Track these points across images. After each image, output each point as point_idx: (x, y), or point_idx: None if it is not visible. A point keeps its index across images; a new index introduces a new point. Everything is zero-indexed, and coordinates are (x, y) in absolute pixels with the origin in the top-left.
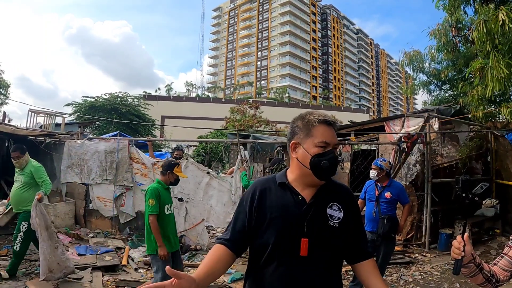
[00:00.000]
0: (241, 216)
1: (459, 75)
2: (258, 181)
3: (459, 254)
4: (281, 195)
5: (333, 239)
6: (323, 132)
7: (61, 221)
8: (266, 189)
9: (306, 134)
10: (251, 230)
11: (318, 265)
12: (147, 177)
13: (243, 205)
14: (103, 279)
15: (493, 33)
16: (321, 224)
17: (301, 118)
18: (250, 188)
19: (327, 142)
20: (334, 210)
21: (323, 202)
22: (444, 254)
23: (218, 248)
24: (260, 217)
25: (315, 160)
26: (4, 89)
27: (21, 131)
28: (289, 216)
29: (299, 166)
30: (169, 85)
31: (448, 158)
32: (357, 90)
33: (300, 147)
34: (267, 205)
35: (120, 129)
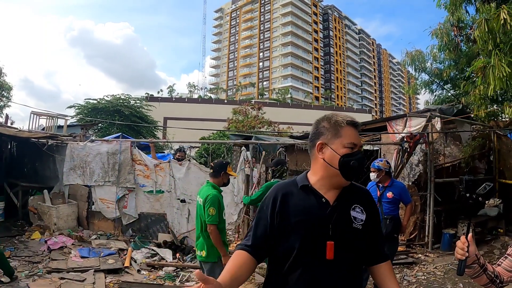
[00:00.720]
0: (262, 222)
1: (461, 74)
2: (279, 186)
3: (463, 254)
4: (304, 198)
5: (357, 241)
6: (351, 133)
7: (64, 223)
8: (288, 193)
9: (334, 134)
10: (274, 236)
11: (342, 268)
12: (150, 179)
13: (263, 211)
14: (105, 280)
15: (495, 32)
16: (345, 227)
17: (328, 119)
18: (271, 193)
19: (355, 143)
20: (357, 212)
21: (347, 204)
22: (447, 254)
23: (240, 254)
24: (283, 222)
25: (344, 160)
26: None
27: (24, 133)
28: (313, 220)
29: (326, 167)
30: (171, 86)
31: (451, 158)
32: (359, 90)
33: (327, 147)
34: (290, 210)
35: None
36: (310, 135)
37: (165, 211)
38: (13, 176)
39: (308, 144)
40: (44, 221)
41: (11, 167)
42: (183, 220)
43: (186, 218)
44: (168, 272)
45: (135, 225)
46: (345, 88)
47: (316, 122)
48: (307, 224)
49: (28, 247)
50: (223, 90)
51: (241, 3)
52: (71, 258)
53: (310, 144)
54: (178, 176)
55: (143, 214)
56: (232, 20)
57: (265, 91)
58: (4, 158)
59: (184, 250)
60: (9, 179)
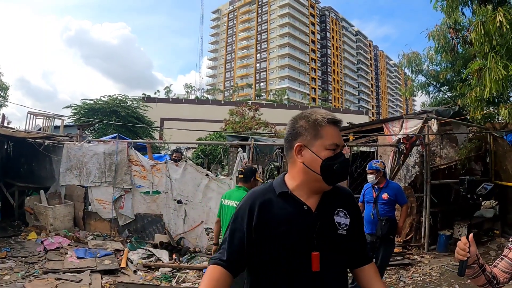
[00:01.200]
0: (238, 234)
1: (457, 76)
2: (254, 193)
3: (464, 255)
4: (284, 207)
5: (343, 248)
6: (333, 133)
7: (60, 224)
8: (265, 202)
9: (314, 135)
10: (252, 250)
11: (329, 280)
12: (146, 179)
13: (238, 222)
14: (102, 281)
15: (491, 34)
16: (330, 235)
17: (306, 117)
18: (246, 202)
19: (337, 144)
20: (341, 217)
21: (330, 209)
22: (444, 255)
23: (214, 270)
24: (262, 235)
25: (327, 164)
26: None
27: (20, 133)
28: (296, 230)
29: (306, 171)
30: (168, 87)
31: (447, 160)
32: (356, 92)
33: (307, 150)
34: (269, 220)
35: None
36: (286, 135)
37: (161, 212)
38: (10, 176)
39: (284, 145)
40: (40, 222)
41: (7, 167)
42: (180, 221)
43: (182, 219)
44: (164, 273)
45: (131, 226)
46: (342, 90)
47: (293, 121)
48: (289, 236)
49: (24, 248)
50: (220, 91)
51: (239, 4)
52: (68, 258)
53: (286, 145)
54: (175, 177)
55: (140, 215)
56: (230, 21)
57: (262, 92)
58: (0, 158)
59: (180, 251)
60: (6, 179)
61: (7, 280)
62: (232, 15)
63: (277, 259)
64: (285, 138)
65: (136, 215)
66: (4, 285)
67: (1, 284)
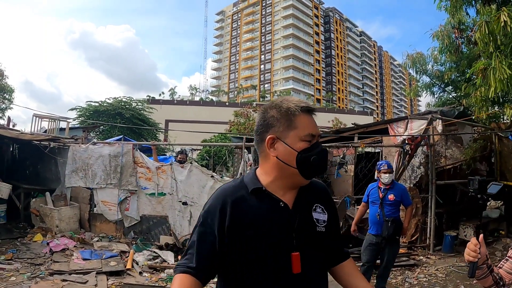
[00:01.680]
0: (207, 238)
1: (462, 76)
2: (225, 191)
3: (475, 256)
4: (258, 205)
5: (322, 246)
6: (308, 122)
7: (66, 225)
8: (238, 200)
9: (288, 126)
10: (225, 254)
11: (311, 281)
12: (152, 181)
13: (208, 224)
14: (107, 282)
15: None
16: (309, 232)
17: (277, 106)
18: (216, 201)
19: (313, 134)
20: (319, 213)
21: (307, 205)
22: (449, 256)
23: (182, 279)
24: (236, 238)
25: (303, 156)
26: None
27: (26, 135)
28: (273, 229)
29: (280, 166)
30: (173, 89)
31: (452, 160)
32: (361, 93)
33: (280, 142)
34: (243, 221)
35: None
36: (256, 127)
37: (167, 213)
38: (15, 178)
39: (254, 138)
40: (46, 223)
41: (13, 169)
42: (185, 222)
43: (188, 220)
44: (170, 274)
45: (137, 227)
46: (346, 90)
47: (263, 111)
48: (266, 236)
49: (30, 249)
50: (224, 93)
51: (243, 5)
52: (73, 260)
53: (257, 138)
54: (180, 178)
55: (145, 217)
56: (234, 22)
57: (266, 94)
58: (6, 161)
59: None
60: (11, 181)
61: (13, 282)
62: (236, 16)
63: (254, 263)
64: (255, 131)
65: (142, 216)
66: (10, 286)
67: (8, 285)
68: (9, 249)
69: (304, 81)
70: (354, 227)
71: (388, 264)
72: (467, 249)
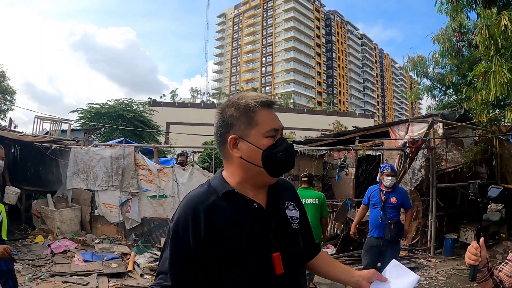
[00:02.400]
0: (182, 251)
1: (463, 79)
2: (194, 198)
3: (476, 260)
4: (231, 208)
5: (299, 243)
6: (269, 116)
7: (67, 227)
8: (210, 207)
9: (248, 123)
10: (201, 268)
11: (294, 280)
12: (153, 183)
13: (180, 236)
14: (108, 284)
15: (496, 37)
16: (286, 231)
17: (234, 104)
18: (187, 210)
19: (276, 129)
20: (292, 210)
21: (280, 204)
22: (450, 259)
23: None
24: (213, 249)
25: (269, 154)
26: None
27: (27, 137)
28: (251, 232)
29: (245, 166)
30: (174, 91)
31: (453, 163)
32: (362, 95)
33: (243, 141)
34: (219, 228)
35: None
36: (216, 128)
37: (168, 215)
38: (17, 180)
39: (215, 139)
40: (47, 225)
41: (14, 171)
42: None
43: None
44: None
45: (138, 229)
46: (347, 93)
47: (220, 111)
48: (244, 240)
49: (31, 251)
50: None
51: (244, 8)
52: (74, 262)
53: (219, 140)
54: (182, 181)
55: (146, 219)
56: (235, 25)
57: None
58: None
59: None
60: (13, 182)
61: None
62: (238, 19)
63: (234, 268)
64: (215, 132)
65: (143, 219)
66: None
67: None
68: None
69: (305, 83)
70: (353, 229)
71: None
72: (468, 253)
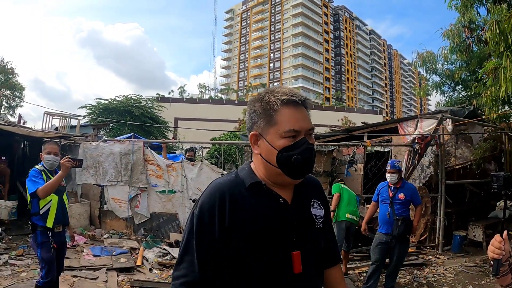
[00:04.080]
0: (207, 242)
1: (472, 76)
2: (222, 185)
3: (500, 254)
4: (257, 201)
5: (321, 243)
6: (290, 116)
7: (76, 222)
8: (236, 196)
9: (268, 121)
10: (222, 259)
11: (313, 281)
12: (162, 179)
13: (206, 225)
14: (118, 279)
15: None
16: (309, 229)
17: (259, 100)
18: (213, 197)
19: (296, 130)
20: (317, 209)
21: (306, 201)
22: (458, 256)
23: None
24: (234, 240)
25: (283, 155)
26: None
27: (37, 133)
28: (274, 227)
29: (265, 164)
30: (182, 87)
31: (462, 160)
32: (370, 91)
33: (262, 139)
34: (243, 219)
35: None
36: (246, 120)
37: (176, 211)
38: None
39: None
40: None
41: (24, 167)
42: None
43: None
44: None
45: (147, 224)
46: (355, 89)
47: (250, 105)
48: (267, 234)
49: None
50: (233, 91)
51: (252, 4)
52: (84, 256)
53: (248, 133)
54: (190, 176)
55: (155, 214)
56: (243, 21)
57: None
58: (17, 158)
59: None
60: (22, 178)
61: (24, 277)
62: (246, 14)
63: (253, 264)
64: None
65: (152, 214)
66: (21, 282)
67: (18, 281)
68: (20, 245)
69: (314, 79)
70: (364, 226)
71: (397, 263)
72: (491, 246)
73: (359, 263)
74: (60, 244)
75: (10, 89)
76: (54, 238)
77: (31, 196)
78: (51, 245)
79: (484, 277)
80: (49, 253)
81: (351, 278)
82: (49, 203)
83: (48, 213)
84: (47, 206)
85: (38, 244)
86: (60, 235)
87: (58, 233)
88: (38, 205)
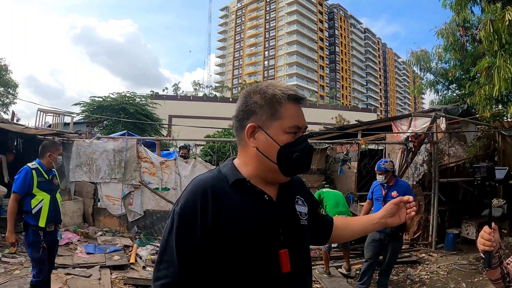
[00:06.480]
0: (189, 237)
1: (466, 74)
2: (202, 182)
3: (491, 245)
4: (242, 199)
5: (307, 241)
6: (294, 112)
7: (70, 220)
8: (219, 194)
9: (272, 114)
10: (205, 259)
11: (301, 280)
12: (155, 176)
13: (187, 221)
14: (111, 276)
15: (500, 32)
16: (295, 227)
17: (261, 91)
18: (195, 195)
19: (299, 127)
20: (301, 206)
21: (290, 198)
22: (451, 254)
23: None
24: (218, 239)
25: (285, 151)
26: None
27: (30, 130)
28: (259, 225)
29: (260, 158)
30: (177, 84)
31: (455, 158)
32: (365, 90)
33: (261, 132)
34: (227, 217)
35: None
36: (238, 111)
37: (170, 208)
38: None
39: (234, 123)
40: None
41: (17, 164)
42: None
43: None
44: None
45: (140, 222)
46: (350, 87)
47: (245, 95)
48: (253, 232)
49: None
50: (228, 88)
51: (247, 1)
52: (77, 254)
53: (237, 124)
54: (184, 173)
55: (149, 211)
56: (238, 18)
57: None
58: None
59: None
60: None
61: (17, 275)
62: (240, 12)
63: (239, 264)
64: (235, 116)
65: (145, 211)
66: (14, 279)
67: (12, 278)
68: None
69: (308, 77)
70: None
71: (391, 260)
72: (481, 239)
73: (353, 260)
74: (52, 243)
75: (4, 86)
76: (45, 238)
77: (19, 193)
78: (41, 245)
79: (477, 275)
80: (39, 253)
81: (344, 275)
82: (40, 202)
83: (40, 212)
84: (39, 206)
85: (29, 244)
86: (52, 234)
87: (50, 232)
88: (30, 204)
